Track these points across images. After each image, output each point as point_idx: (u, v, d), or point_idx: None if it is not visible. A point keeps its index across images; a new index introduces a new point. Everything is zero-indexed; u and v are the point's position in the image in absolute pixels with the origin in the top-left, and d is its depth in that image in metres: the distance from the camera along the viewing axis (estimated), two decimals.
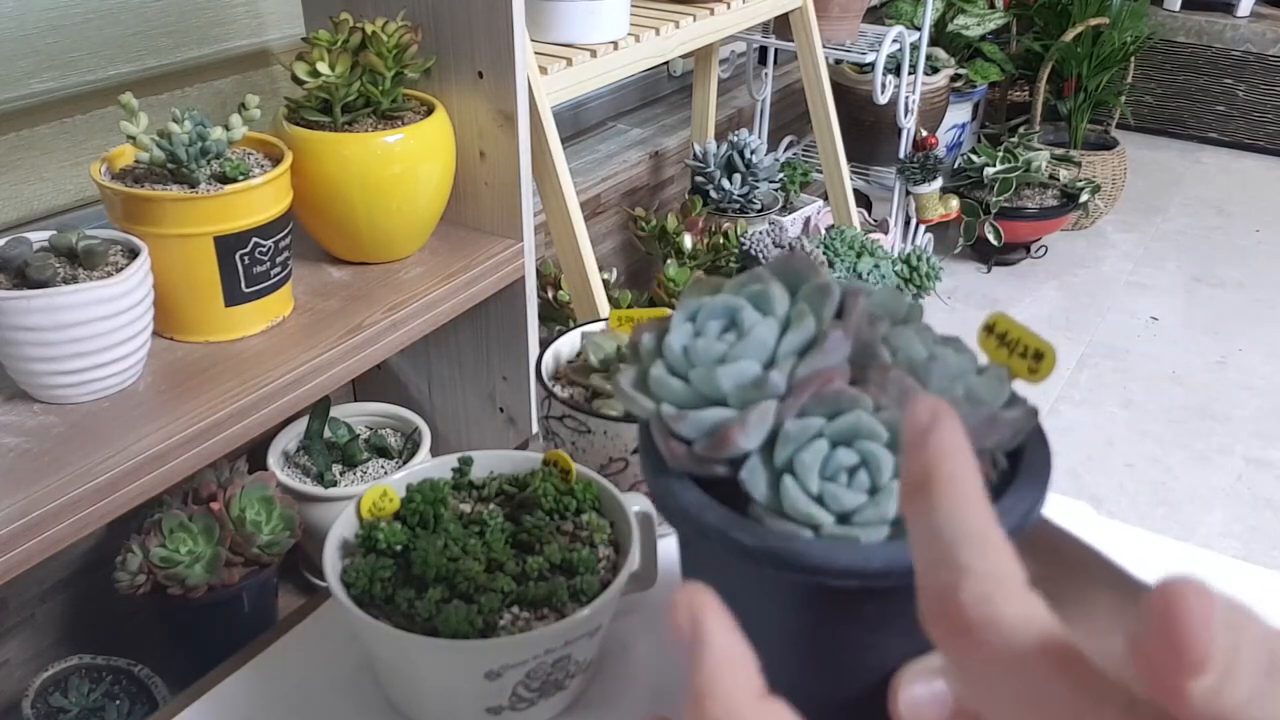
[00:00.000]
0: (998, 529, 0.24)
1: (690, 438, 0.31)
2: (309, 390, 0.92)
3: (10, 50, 1.02)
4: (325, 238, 1.06)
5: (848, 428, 0.30)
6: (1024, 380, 0.32)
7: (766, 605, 0.32)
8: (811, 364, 0.31)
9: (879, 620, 0.31)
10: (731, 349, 0.32)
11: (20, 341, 0.78)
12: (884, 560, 0.29)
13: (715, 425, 0.31)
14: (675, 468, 0.31)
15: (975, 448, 0.31)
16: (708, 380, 0.31)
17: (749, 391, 0.31)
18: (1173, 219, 2.97)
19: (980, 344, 0.33)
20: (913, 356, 0.32)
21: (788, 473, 0.30)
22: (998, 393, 0.32)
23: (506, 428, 1.24)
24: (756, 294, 0.33)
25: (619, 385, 0.33)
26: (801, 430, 0.30)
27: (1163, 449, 2.03)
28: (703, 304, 0.33)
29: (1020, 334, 0.32)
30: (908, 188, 2.28)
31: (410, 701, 0.48)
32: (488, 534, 0.49)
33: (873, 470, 0.30)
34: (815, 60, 1.86)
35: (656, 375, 0.32)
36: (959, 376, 0.32)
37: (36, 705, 1.01)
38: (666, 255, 1.82)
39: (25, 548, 0.73)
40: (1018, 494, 0.31)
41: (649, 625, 0.54)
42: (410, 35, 0.99)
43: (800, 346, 0.32)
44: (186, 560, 1.05)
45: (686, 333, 0.33)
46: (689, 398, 0.32)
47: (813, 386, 0.31)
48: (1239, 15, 3.34)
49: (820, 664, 0.32)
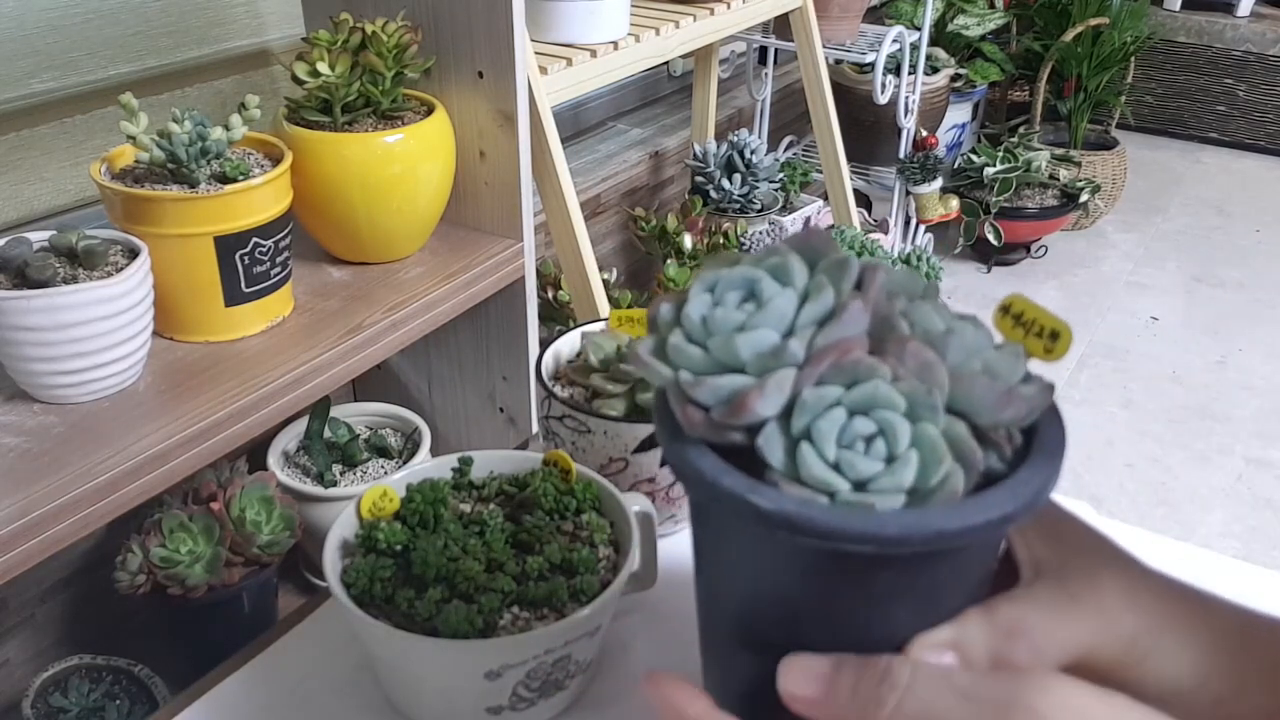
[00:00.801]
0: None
1: (708, 404, 0.31)
2: (309, 390, 0.92)
3: (10, 50, 1.02)
4: (325, 238, 1.06)
5: (865, 397, 0.30)
6: (1040, 359, 0.33)
7: (779, 572, 0.32)
8: (830, 334, 0.31)
9: (891, 590, 0.31)
10: (750, 318, 0.32)
11: (20, 341, 0.78)
12: (900, 527, 0.29)
13: (733, 392, 0.31)
14: (692, 434, 0.31)
15: (992, 421, 0.31)
16: (726, 348, 0.31)
17: (767, 360, 0.31)
18: (1173, 219, 2.97)
19: (996, 324, 0.33)
20: (931, 329, 0.32)
21: (805, 440, 0.30)
22: (1015, 368, 0.32)
23: (506, 428, 1.24)
24: (775, 266, 0.33)
25: (636, 353, 0.33)
26: (819, 399, 0.31)
27: (1163, 449, 2.03)
28: (721, 275, 0.33)
29: (1036, 314, 0.33)
30: (908, 188, 2.28)
31: (410, 701, 0.48)
32: (488, 534, 0.49)
33: (889, 439, 0.30)
34: (815, 60, 1.86)
35: (675, 343, 0.32)
36: (976, 351, 0.32)
37: (36, 705, 1.01)
38: (666, 255, 1.82)
39: (25, 548, 0.73)
40: (1031, 469, 0.31)
41: (649, 625, 0.54)
42: (410, 35, 0.99)
43: (819, 317, 0.32)
44: (186, 560, 1.05)
45: (705, 303, 0.33)
46: (707, 365, 0.32)
47: (831, 356, 0.31)
48: (1239, 15, 3.34)
49: (830, 633, 0.32)
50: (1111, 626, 0.32)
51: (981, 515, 0.29)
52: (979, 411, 0.31)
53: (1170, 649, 0.32)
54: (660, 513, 0.56)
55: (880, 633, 0.32)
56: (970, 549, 0.32)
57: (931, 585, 0.31)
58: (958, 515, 0.29)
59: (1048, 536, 0.34)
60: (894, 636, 0.32)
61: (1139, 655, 0.32)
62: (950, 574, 0.32)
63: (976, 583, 0.33)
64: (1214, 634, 0.32)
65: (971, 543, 0.30)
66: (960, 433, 0.30)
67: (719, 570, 0.35)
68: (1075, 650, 0.31)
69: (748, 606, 0.34)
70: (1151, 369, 2.28)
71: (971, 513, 0.29)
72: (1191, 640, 0.32)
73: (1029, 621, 0.31)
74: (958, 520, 0.29)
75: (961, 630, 0.31)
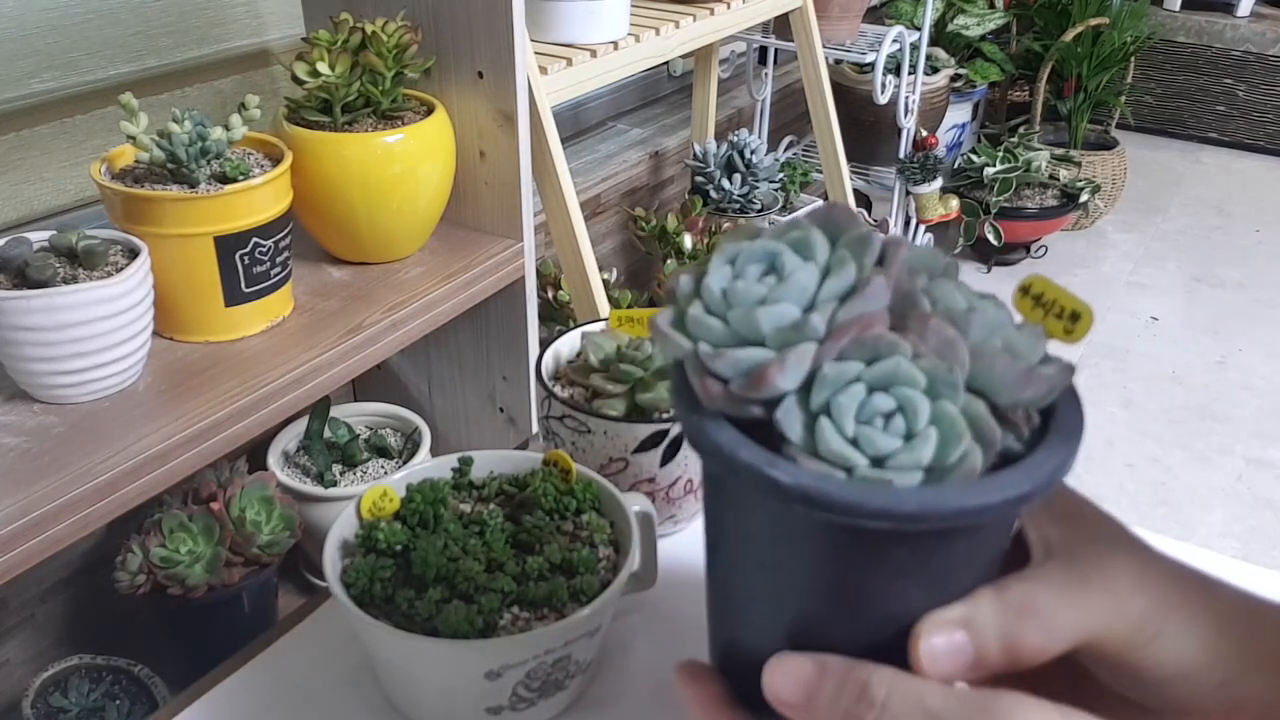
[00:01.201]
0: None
1: (727, 376, 0.31)
2: (309, 390, 0.92)
3: (10, 50, 1.02)
4: (325, 238, 1.06)
5: (886, 373, 0.30)
6: (1060, 340, 0.33)
7: (793, 546, 0.32)
8: (852, 309, 0.31)
9: (905, 567, 0.31)
10: (771, 292, 0.32)
11: (20, 341, 0.78)
12: (917, 504, 0.29)
13: (753, 365, 0.31)
14: (710, 407, 0.31)
15: (1012, 401, 0.31)
16: (747, 321, 0.31)
17: (788, 333, 0.31)
18: (1173, 219, 2.97)
19: (1016, 305, 0.33)
20: (952, 307, 0.32)
21: (824, 415, 0.30)
22: (1035, 347, 0.32)
23: (506, 428, 1.24)
24: (797, 240, 0.33)
25: (655, 325, 0.33)
26: (839, 374, 0.30)
27: (1163, 449, 2.03)
28: (742, 249, 0.33)
29: (1057, 295, 0.33)
30: (908, 188, 2.28)
31: (410, 701, 0.48)
32: (488, 534, 0.49)
33: (909, 416, 0.30)
34: (815, 60, 1.86)
35: (694, 315, 0.32)
36: (998, 329, 0.32)
37: (36, 705, 1.01)
38: (666, 255, 1.82)
39: (25, 548, 0.73)
40: (1048, 450, 0.31)
41: (649, 625, 0.54)
42: (410, 35, 0.99)
43: (841, 292, 0.32)
44: (186, 560, 1.05)
45: (725, 275, 0.33)
46: (727, 338, 0.32)
47: (852, 331, 0.31)
48: (1239, 15, 3.34)
49: (843, 608, 0.32)
50: (1121, 608, 0.32)
51: (999, 494, 0.29)
52: (999, 390, 0.31)
53: (1178, 632, 0.32)
54: (660, 513, 0.56)
55: (893, 609, 0.32)
56: (985, 528, 0.32)
57: (945, 563, 0.31)
58: (975, 493, 0.29)
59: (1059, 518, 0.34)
60: (906, 613, 0.32)
61: (1147, 637, 0.32)
62: (964, 552, 0.32)
63: (989, 562, 0.33)
64: (1221, 619, 0.33)
65: (987, 521, 0.30)
66: (979, 411, 0.30)
67: (732, 546, 0.35)
68: (1085, 631, 0.32)
69: (761, 582, 0.34)
70: (1151, 369, 2.28)
71: (989, 491, 0.29)
72: (1199, 624, 0.32)
73: (1040, 601, 0.32)
74: (975, 498, 0.29)
75: (973, 609, 0.31)
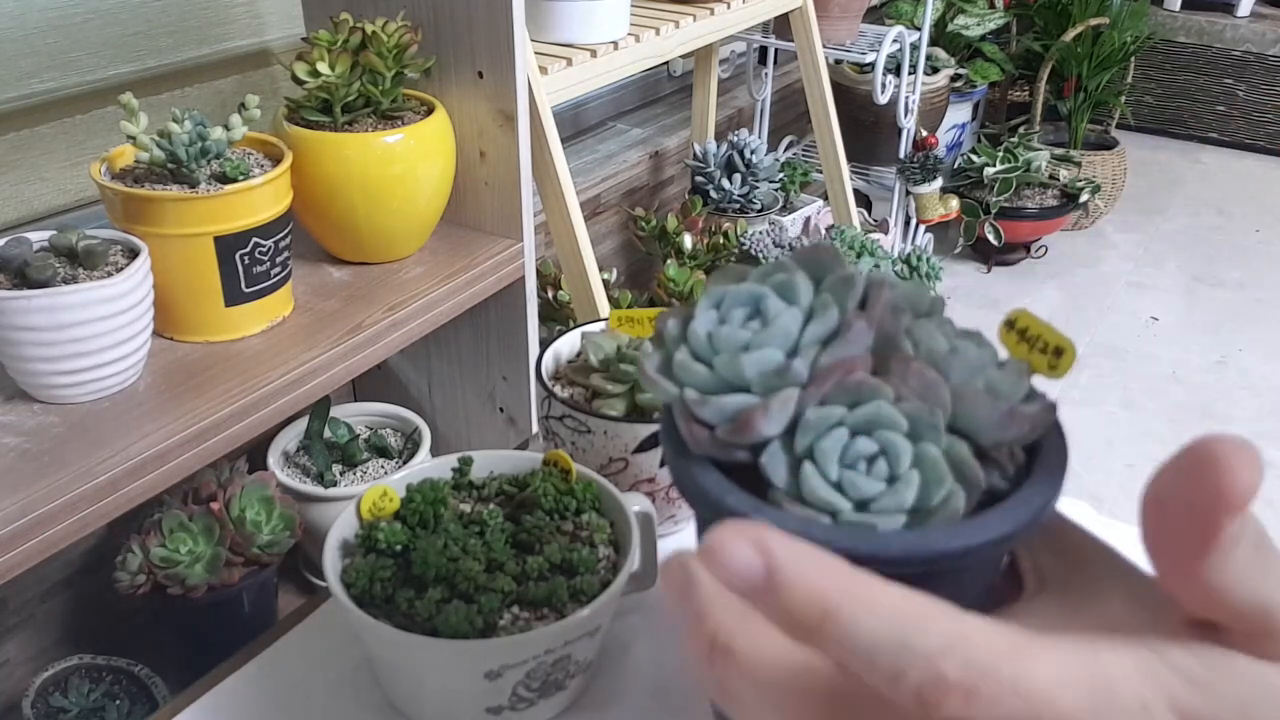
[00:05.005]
0: (890, 591, 0.24)
1: (713, 422, 0.32)
2: (309, 390, 0.92)
3: (10, 50, 1.02)
4: (325, 238, 1.06)
5: (868, 417, 0.31)
6: (1043, 375, 0.33)
7: None
8: (834, 353, 0.32)
9: None
10: (756, 336, 0.32)
11: (20, 341, 0.78)
12: (901, 547, 0.29)
13: (738, 411, 0.31)
14: (697, 452, 0.32)
15: (994, 441, 0.31)
16: (731, 367, 0.32)
17: (772, 379, 0.31)
18: (1173, 219, 2.96)
19: (1001, 339, 0.34)
20: (934, 349, 0.32)
21: (808, 459, 0.31)
22: (1017, 386, 0.32)
23: (506, 428, 1.24)
24: (781, 283, 0.34)
25: (643, 369, 0.34)
26: (822, 418, 0.31)
27: (1163, 449, 2.02)
28: (727, 292, 0.34)
29: (1041, 330, 0.33)
30: (908, 188, 2.28)
31: (410, 701, 0.48)
32: (488, 534, 0.49)
33: (891, 459, 0.31)
34: (815, 60, 1.86)
35: (681, 360, 0.33)
36: (979, 369, 0.32)
37: (36, 705, 1.01)
38: (666, 255, 1.82)
39: (25, 548, 0.73)
40: (1034, 487, 0.31)
41: (649, 625, 0.54)
42: (410, 35, 0.99)
43: (823, 336, 0.32)
44: (186, 560, 1.05)
45: (711, 319, 0.34)
46: (712, 383, 0.32)
47: (835, 375, 0.31)
48: (1239, 15, 3.34)
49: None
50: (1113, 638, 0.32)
51: (981, 536, 0.29)
52: (981, 431, 0.31)
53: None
54: (660, 513, 0.56)
55: None
56: (970, 567, 0.32)
57: None
58: (958, 536, 0.29)
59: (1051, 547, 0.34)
60: None
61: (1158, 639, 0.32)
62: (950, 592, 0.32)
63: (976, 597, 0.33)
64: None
65: (971, 563, 0.31)
66: (962, 453, 0.31)
67: None
68: None
69: None
70: (1151, 369, 2.28)
71: (972, 533, 0.30)
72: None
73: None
74: (958, 541, 0.29)
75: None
